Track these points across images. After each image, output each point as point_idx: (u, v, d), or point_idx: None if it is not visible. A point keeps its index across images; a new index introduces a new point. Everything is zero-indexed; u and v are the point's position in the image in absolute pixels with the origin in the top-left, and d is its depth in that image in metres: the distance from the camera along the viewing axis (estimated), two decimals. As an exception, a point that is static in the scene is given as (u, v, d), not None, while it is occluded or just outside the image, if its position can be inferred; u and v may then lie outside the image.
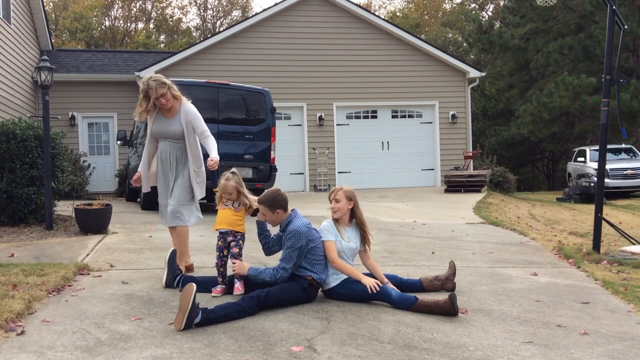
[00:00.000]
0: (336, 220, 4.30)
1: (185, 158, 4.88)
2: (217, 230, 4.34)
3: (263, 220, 4.28)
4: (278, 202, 4.14)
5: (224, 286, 4.25)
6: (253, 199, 4.33)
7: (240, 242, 4.30)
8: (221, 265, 4.27)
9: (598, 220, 6.35)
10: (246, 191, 4.36)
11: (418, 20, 42.75)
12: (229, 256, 4.26)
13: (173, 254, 4.46)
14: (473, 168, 16.93)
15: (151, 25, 42.50)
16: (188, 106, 4.96)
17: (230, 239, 4.28)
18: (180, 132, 4.86)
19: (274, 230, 4.35)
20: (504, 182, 16.35)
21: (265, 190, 4.27)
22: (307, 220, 4.20)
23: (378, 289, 4.07)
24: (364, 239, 4.40)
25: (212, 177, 4.70)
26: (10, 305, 3.69)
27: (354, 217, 4.38)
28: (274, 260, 4.87)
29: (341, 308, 4.00)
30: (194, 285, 3.47)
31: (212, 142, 4.89)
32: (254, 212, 4.32)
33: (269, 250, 4.34)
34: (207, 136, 4.92)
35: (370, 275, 4.31)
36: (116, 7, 40.47)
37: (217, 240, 4.34)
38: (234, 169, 4.39)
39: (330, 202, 4.32)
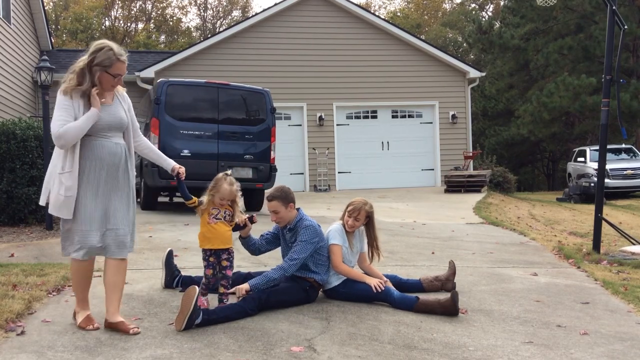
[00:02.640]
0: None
1: (127, 161, 3.59)
2: (210, 248, 3.83)
3: (248, 236, 4.11)
4: (290, 196, 4.08)
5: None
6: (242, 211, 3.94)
7: (233, 261, 3.91)
8: (214, 282, 3.88)
9: (598, 220, 6.36)
10: (239, 199, 3.93)
11: (418, 21, 42.76)
12: (225, 280, 3.84)
13: (170, 255, 4.46)
14: (473, 168, 16.93)
15: (151, 26, 42.52)
16: (122, 91, 3.71)
17: (225, 256, 3.85)
18: (126, 122, 3.60)
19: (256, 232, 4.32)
20: (504, 182, 16.36)
21: (272, 188, 4.21)
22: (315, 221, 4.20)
23: (382, 288, 4.07)
24: (371, 251, 4.39)
25: (182, 188, 3.87)
26: (10, 305, 3.69)
27: (367, 230, 4.36)
28: (266, 258, 4.87)
29: (341, 308, 4.00)
30: (197, 288, 3.47)
31: (154, 146, 3.94)
32: (235, 227, 3.96)
33: (264, 250, 4.30)
34: (142, 135, 3.85)
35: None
36: (116, 7, 40.49)
37: (208, 257, 3.85)
38: (229, 171, 3.99)
39: (350, 217, 4.20)
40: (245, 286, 3.87)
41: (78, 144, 3.37)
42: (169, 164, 3.82)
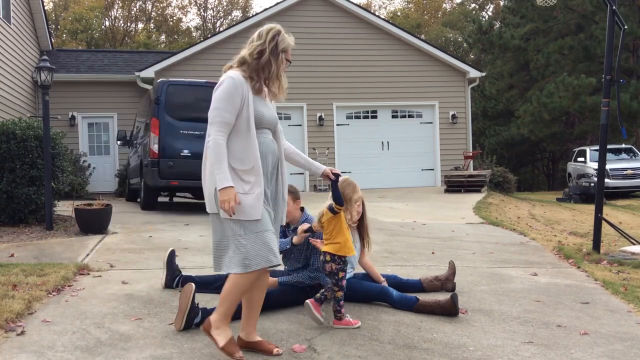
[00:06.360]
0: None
1: (282, 164, 3.31)
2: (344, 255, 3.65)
3: None
4: (299, 194, 4.13)
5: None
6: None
7: None
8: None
9: (598, 220, 6.35)
10: None
11: (418, 21, 42.78)
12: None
13: (172, 254, 4.45)
14: (473, 168, 16.93)
15: (151, 26, 42.52)
16: None
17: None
18: (277, 118, 3.32)
19: None
20: (504, 182, 16.35)
21: None
22: None
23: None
24: (363, 240, 4.39)
25: (337, 191, 3.56)
26: (10, 305, 3.68)
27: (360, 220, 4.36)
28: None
29: (341, 308, 4.00)
30: (193, 285, 3.46)
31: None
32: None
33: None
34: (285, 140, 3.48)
35: (366, 274, 4.33)
36: (116, 7, 40.50)
37: (341, 265, 3.65)
38: (347, 176, 3.77)
39: (354, 205, 4.09)
40: (274, 280, 3.99)
41: (255, 138, 3.01)
42: (319, 167, 3.57)
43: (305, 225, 3.96)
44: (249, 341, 3.15)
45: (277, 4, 16.20)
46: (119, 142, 12.86)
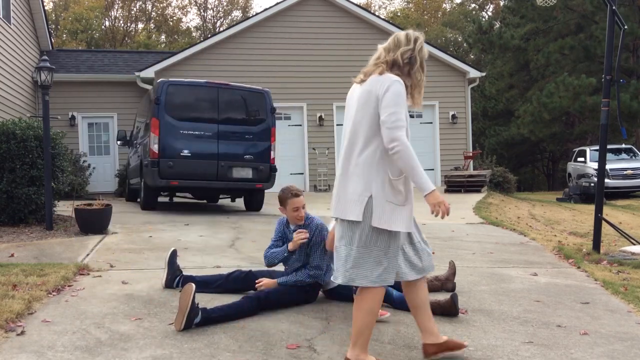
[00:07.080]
0: None
1: None
2: None
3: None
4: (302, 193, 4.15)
5: None
6: None
7: None
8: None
9: (598, 220, 6.35)
10: None
11: (418, 21, 42.79)
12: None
13: (173, 254, 4.44)
14: (473, 168, 16.93)
15: (151, 26, 42.54)
16: None
17: None
18: None
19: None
20: (504, 182, 16.37)
21: (292, 186, 4.16)
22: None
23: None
24: None
25: None
26: (10, 305, 3.68)
27: None
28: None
29: (341, 308, 4.00)
30: (193, 285, 3.46)
31: None
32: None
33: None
34: None
35: None
36: (116, 7, 40.51)
37: None
38: None
39: None
40: (272, 281, 4.07)
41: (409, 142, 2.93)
42: None
43: (302, 234, 3.95)
44: (440, 344, 3.03)
45: (277, 4, 16.21)
46: (119, 142, 12.87)
